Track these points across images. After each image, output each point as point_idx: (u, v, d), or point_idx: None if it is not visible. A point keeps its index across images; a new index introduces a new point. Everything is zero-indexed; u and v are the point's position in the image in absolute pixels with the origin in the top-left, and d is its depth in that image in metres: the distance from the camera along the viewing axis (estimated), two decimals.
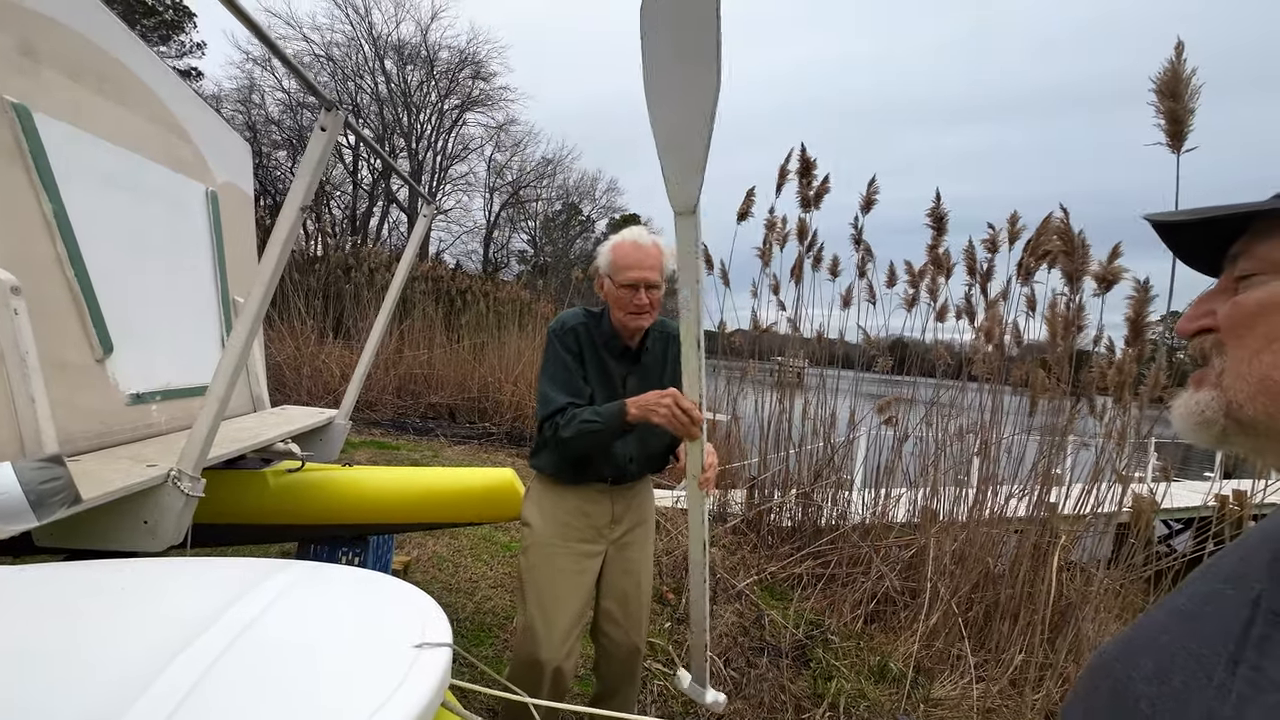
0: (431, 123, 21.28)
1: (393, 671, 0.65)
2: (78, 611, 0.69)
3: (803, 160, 3.36)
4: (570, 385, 1.42)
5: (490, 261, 23.33)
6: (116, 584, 0.74)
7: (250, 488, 1.86)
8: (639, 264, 1.38)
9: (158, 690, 0.58)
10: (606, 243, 1.45)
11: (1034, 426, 3.50)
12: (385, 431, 6.65)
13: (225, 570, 0.82)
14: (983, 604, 2.95)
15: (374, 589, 0.82)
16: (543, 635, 1.40)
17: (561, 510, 1.48)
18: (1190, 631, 0.42)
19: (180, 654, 0.63)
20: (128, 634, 0.66)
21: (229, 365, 1.17)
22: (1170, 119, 1.57)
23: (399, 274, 2.09)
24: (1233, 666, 0.37)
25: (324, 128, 1.18)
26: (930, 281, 3.33)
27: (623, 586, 1.55)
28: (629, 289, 1.38)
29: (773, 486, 4.14)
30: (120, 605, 0.70)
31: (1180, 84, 1.53)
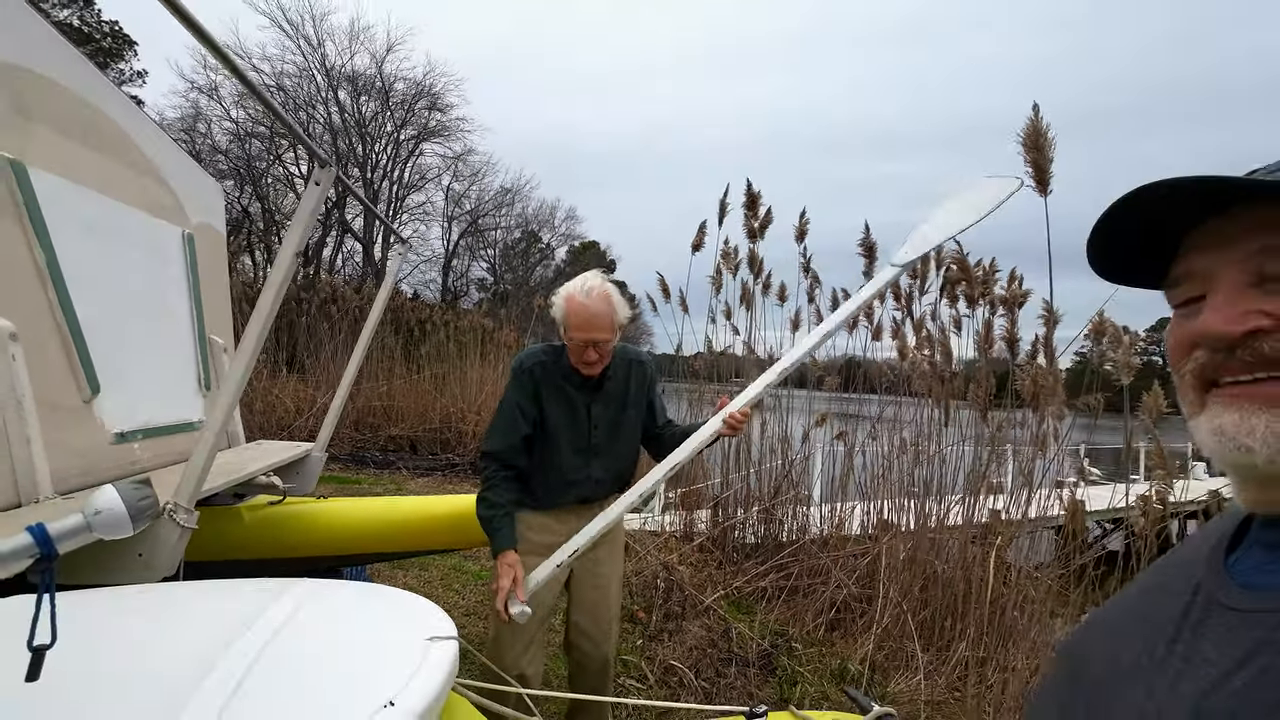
0: (387, 153, 21.17)
1: (410, 661, 0.75)
2: (120, 629, 0.77)
3: (748, 194, 3.62)
4: (508, 431, 1.54)
5: (449, 290, 23.10)
6: (148, 602, 0.82)
7: (226, 524, 1.88)
8: (587, 325, 1.47)
9: (206, 691, 0.67)
10: (560, 292, 1.53)
11: (968, 437, 3.80)
12: (344, 466, 6.51)
13: (242, 589, 0.91)
14: (930, 606, 3.16)
15: (378, 597, 0.92)
16: (505, 641, 1.49)
17: (526, 528, 1.57)
18: (1139, 617, 0.44)
19: (220, 659, 0.72)
20: (171, 646, 0.74)
21: (226, 400, 1.25)
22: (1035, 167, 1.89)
23: (375, 309, 2.18)
24: (1171, 645, 0.39)
25: (317, 182, 1.29)
26: (869, 307, 3.61)
27: (592, 600, 1.65)
28: (580, 346, 1.49)
29: (735, 504, 4.30)
30: (158, 622, 0.78)
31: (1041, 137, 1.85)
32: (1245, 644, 0.35)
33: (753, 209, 3.61)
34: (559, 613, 1.78)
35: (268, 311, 1.26)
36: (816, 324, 4.10)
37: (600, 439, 1.59)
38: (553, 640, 2.16)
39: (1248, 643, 0.35)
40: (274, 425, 7.09)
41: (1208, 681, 0.35)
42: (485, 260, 25.11)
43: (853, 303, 1.61)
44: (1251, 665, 0.34)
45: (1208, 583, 0.41)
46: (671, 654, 2.75)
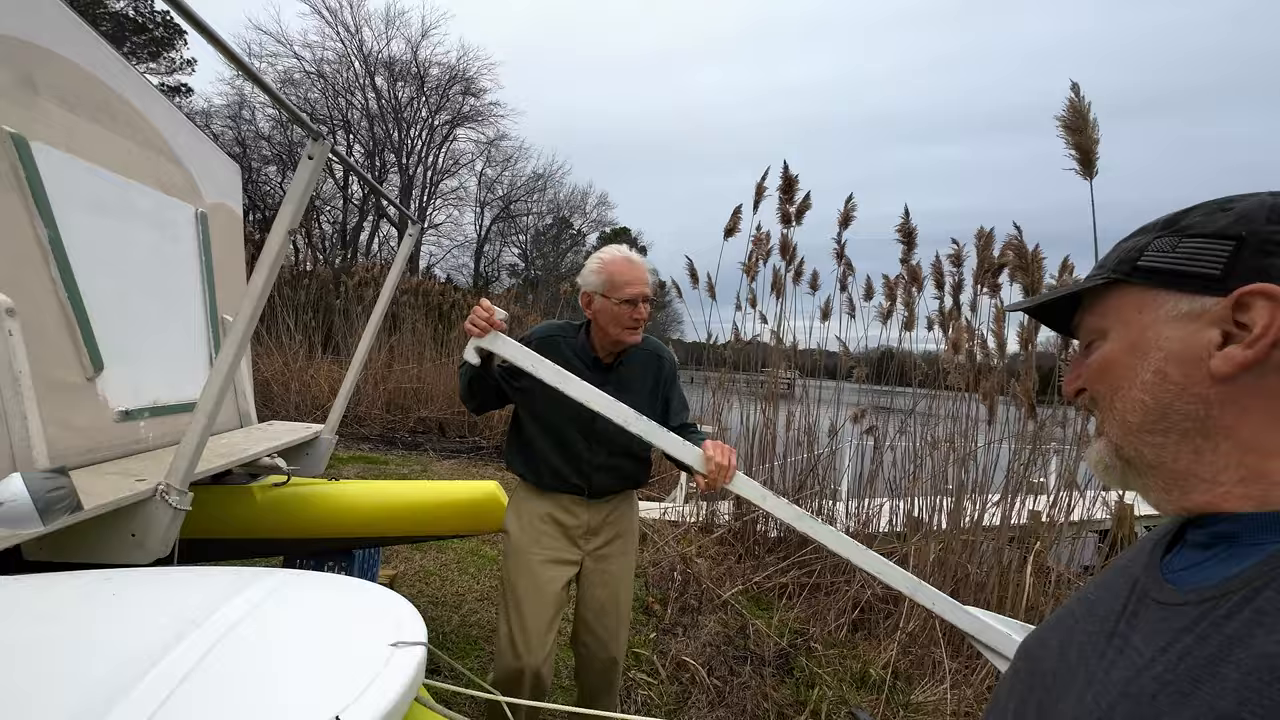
0: (422, 138, 21.44)
1: (367, 669, 0.70)
2: (67, 617, 0.73)
3: (784, 177, 3.46)
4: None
5: (481, 275, 23.39)
6: (106, 591, 0.78)
7: (236, 503, 1.89)
8: (638, 279, 1.43)
9: (140, 691, 0.62)
10: (592, 262, 1.48)
11: (1008, 435, 3.59)
12: (374, 446, 6.65)
13: (211, 577, 0.87)
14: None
15: (352, 593, 0.86)
16: (519, 641, 1.44)
17: (537, 518, 1.53)
18: (1086, 613, 0.49)
19: (167, 655, 0.67)
20: (115, 637, 0.70)
21: (217, 382, 1.22)
22: (1079, 149, 1.70)
23: (385, 292, 2.15)
24: (1110, 638, 0.44)
25: (311, 156, 1.24)
26: (904, 294, 3.43)
27: (600, 598, 1.59)
28: (628, 304, 1.43)
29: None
30: (108, 611, 0.74)
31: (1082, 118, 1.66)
32: (1167, 634, 0.40)
33: (788, 193, 3.45)
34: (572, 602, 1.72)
35: (260, 290, 1.22)
36: (848, 313, 3.94)
37: (606, 424, 1.48)
38: (563, 629, 2.13)
39: (1169, 633, 0.39)
40: (309, 405, 7.28)
41: (1134, 668, 0.40)
42: (517, 246, 25.32)
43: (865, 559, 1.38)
44: (1171, 652, 0.38)
45: (1143, 580, 0.46)
46: (685, 649, 2.69)
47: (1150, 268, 0.45)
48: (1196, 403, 0.42)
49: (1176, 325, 0.44)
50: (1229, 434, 0.42)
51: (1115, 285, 0.48)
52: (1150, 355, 0.45)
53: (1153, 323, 0.45)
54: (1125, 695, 0.39)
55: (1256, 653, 0.34)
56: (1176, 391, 0.43)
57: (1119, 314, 0.47)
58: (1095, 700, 0.41)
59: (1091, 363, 0.49)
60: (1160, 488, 0.46)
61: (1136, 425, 0.46)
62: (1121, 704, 0.39)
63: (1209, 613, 0.38)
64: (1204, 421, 0.42)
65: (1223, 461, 0.42)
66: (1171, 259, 0.44)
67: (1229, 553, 0.41)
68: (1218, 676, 0.35)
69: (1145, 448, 0.45)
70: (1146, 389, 0.45)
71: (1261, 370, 0.40)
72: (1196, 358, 0.42)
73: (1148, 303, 0.45)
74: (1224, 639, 0.36)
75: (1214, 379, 0.42)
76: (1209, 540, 0.43)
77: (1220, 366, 0.41)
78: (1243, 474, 0.41)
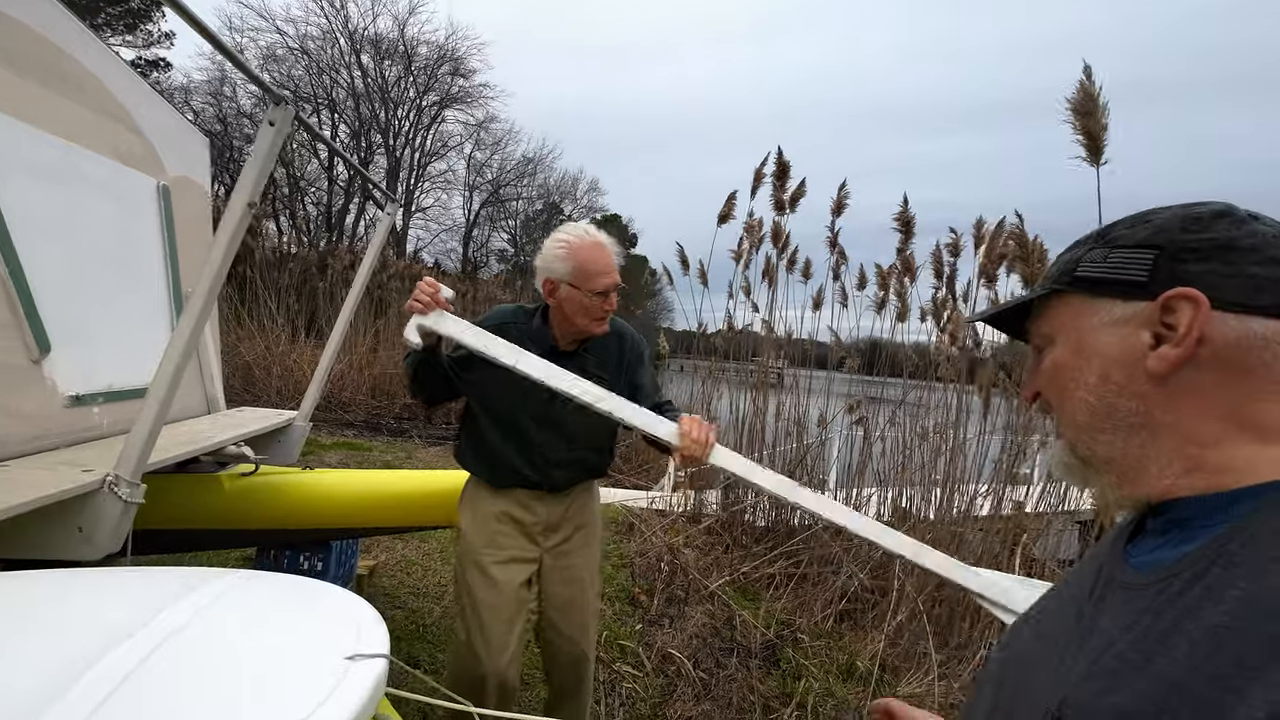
0: (410, 119, 21.01)
1: (320, 684, 0.63)
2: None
3: (779, 164, 3.39)
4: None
5: (470, 260, 23.10)
6: (31, 596, 0.70)
7: (204, 492, 1.80)
8: (610, 267, 1.32)
9: (64, 706, 0.55)
10: (555, 246, 1.34)
11: (996, 427, 3.58)
12: (358, 433, 6.54)
13: (155, 579, 0.79)
14: (948, 603, 3.01)
15: (309, 597, 0.79)
16: (480, 648, 1.35)
17: (492, 517, 1.43)
18: (1061, 598, 0.53)
19: (95, 665, 0.60)
20: (39, 646, 0.63)
21: (171, 363, 1.14)
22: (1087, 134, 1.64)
23: (361, 273, 2.05)
24: (1079, 620, 0.47)
25: (272, 122, 1.15)
26: (898, 284, 3.38)
27: (564, 595, 1.51)
28: (600, 296, 1.32)
29: (747, 487, 4.17)
30: (34, 617, 0.67)
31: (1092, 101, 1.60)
32: (1130, 614, 0.42)
33: (782, 180, 3.37)
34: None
35: (218, 266, 1.13)
36: (840, 303, 3.89)
37: (565, 414, 1.39)
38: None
39: (1132, 613, 0.42)
40: (291, 390, 7.14)
41: (1099, 648, 0.43)
42: (506, 231, 25.01)
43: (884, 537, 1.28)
44: (1133, 631, 0.41)
45: (1109, 565, 0.49)
46: (671, 641, 2.65)
47: (1086, 277, 0.49)
48: (1137, 400, 0.46)
49: (1113, 329, 0.47)
50: (1170, 428, 0.45)
51: (1058, 294, 0.51)
52: (1093, 359, 0.48)
53: (1092, 328, 0.48)
54: (1090, 673, 0.42)
55: (1204, 625, 0.37)
56: (1118, 391, 0.47)
57: (1062, 321, 0.51)
58: (1063, 679, 0.44)
59: (1044, 369, 0.53)
60: (1115, 483, 0.49)
61: (1085, 424, 0.49)
62: (1086, 682, 0.42)
63: (1163, 591, 0.41)
64: (1145, 417, 0.46)
65: (1167, 455, 0.45)
66: (1103, 268, 0.48)
67: (1181, 536, 0.44)
68: (1170, 648, 0.38)
69: (1097, 445, 0.49)
70: (1091, 390, 0.48)
71: (1194, 366, 0.43)
72: (1134, 359, 0.46)
73: (1086, 310, 0.49)
74: (1177, 614, 0.39)
75: (1150, 378, 0.45)
76: (1164, 527, 0.46)
77: (1155, 366, 0.44)
78: (1186, 465, 0.44)
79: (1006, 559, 3.06)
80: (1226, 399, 0.43)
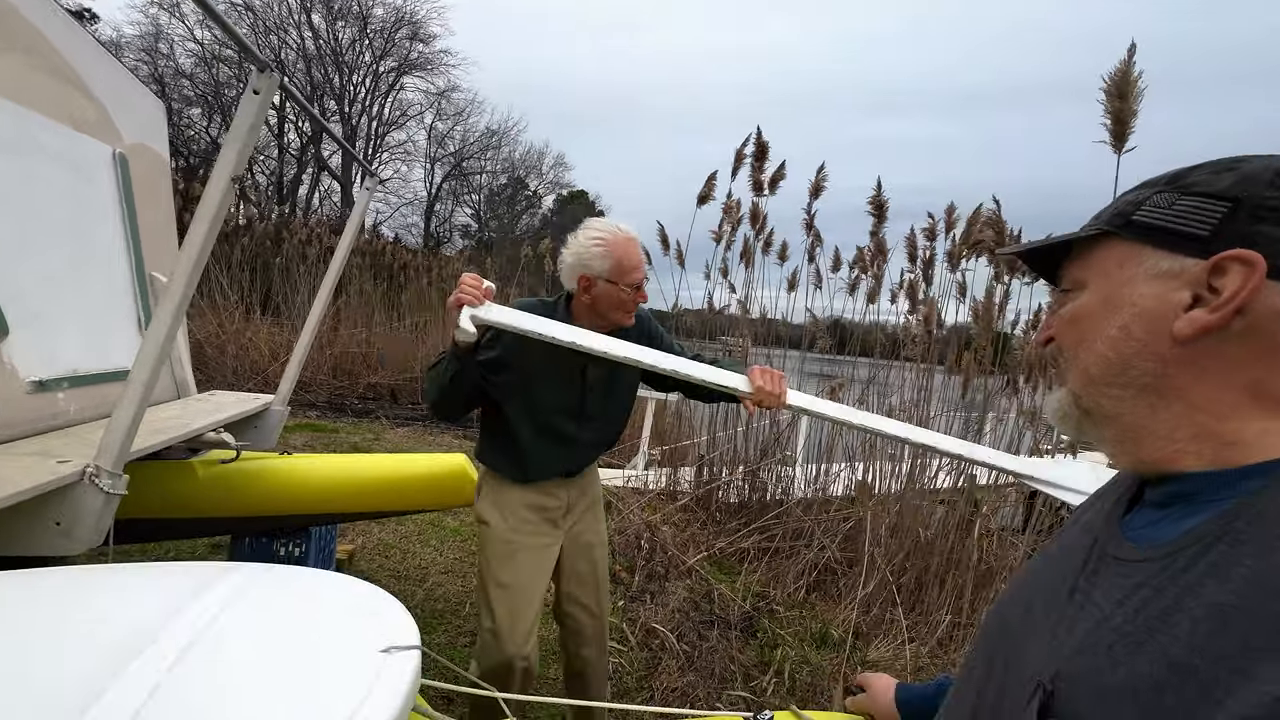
0: (366, 85, 20.00)
1: (359, 680, 0.62)
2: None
3: (758, 145, 3.38)
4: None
5: (432, 236, 22.39)
6: (24, 604, 0.66)
7: (176, 479, 1.72)
8: (640, 261, 1.37)
9: (103, 710, 0.53)
10: (589, 242, 1.35)
11: (960, 404, 3.74)
12: (322, 414, 6.35)
13: (165, 577, 0.76)
14: (914, 571, 3.16)
15: (331, 590, 0.78)
16: (507, 632, 1.38)
17: (519, 506, 1.46)
18: (1051, 570, 0.51)
19: (121, 673, 0.57)
20: (63, 651, 0.60)
21: (153, 349, 1.07)
22: (1115, 119, 1.67)
23: (339, 252, 1.97)
24: (1071, 594, 0.46)
25: (256, 90, 1.07)
26: (875, 268, 3.46)
27: (582, 571, 1.56)
28: (634, 289, 1.36)
29: (721, 464, 4.25)
30: (29, 635, 0.63)
31: (1129, 85, 1.62)
32: (1125, 589, 0.41)
33: (760, 162, 3.37)
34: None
35: (200, 246, 1.07)
36: (815, 285, 3.95)
37: (595, 403, 1.46)
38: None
39: (1127, 587, 0.41)
40: (248, 370, 6.85)
41: (1093, 622, 0.41)
42: (470, 206, 24.29)
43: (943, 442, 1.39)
44: (1128, 605, 0.40)
45: (1103, 538, 0.47)
46: (653, 616, 2.71)
47: (1142, 223, 0.45)
48: (1154, 360, 0.43)
49: (1152, 283, 0.44)
50: (1182, 394, 0.43)
51: (1105, 237, 0.48)
52: (1121, 311, 0.45)
53: (1130, 279, 0.45)
54: (1083, 647, 0.41)
55: (1208, 602, 0.35)
56: (1137, 348, 0.44)
57: (1101, 266, 0.48)
58: (1055, 652, 0.43)
59: (1065, 313, 0.50)
60: (1114, 439, 0.47)
61: (1097, 378, 0.47)
62: (1080, 656, 0.41)
63: (1166, 567, 0.39)
64: (1159, 379, 0.43)
65: (1175, 421, 0.43)
66: (1164, 215, 0.44)
67: (1185, 510, 0.42)
68: (1171, 626, 0.36)
69: (1104, 400, 0.47)
70: (1110, 344, 0.46)
71: (1222, 336, 0.41)
72: (1162, 317, 0.43)
73: (1130, 258, 0.46)
74: (1179, 591, 0.37)
75: (1174, 340, 0.42)
76: (1166, 499, 0.44)
77: (1182, 328, 0.41)
78: (1194, 432, 0.42)
79: (967, 530, 3.23)
80: (1249, 371, 0.41)
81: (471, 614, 2.52)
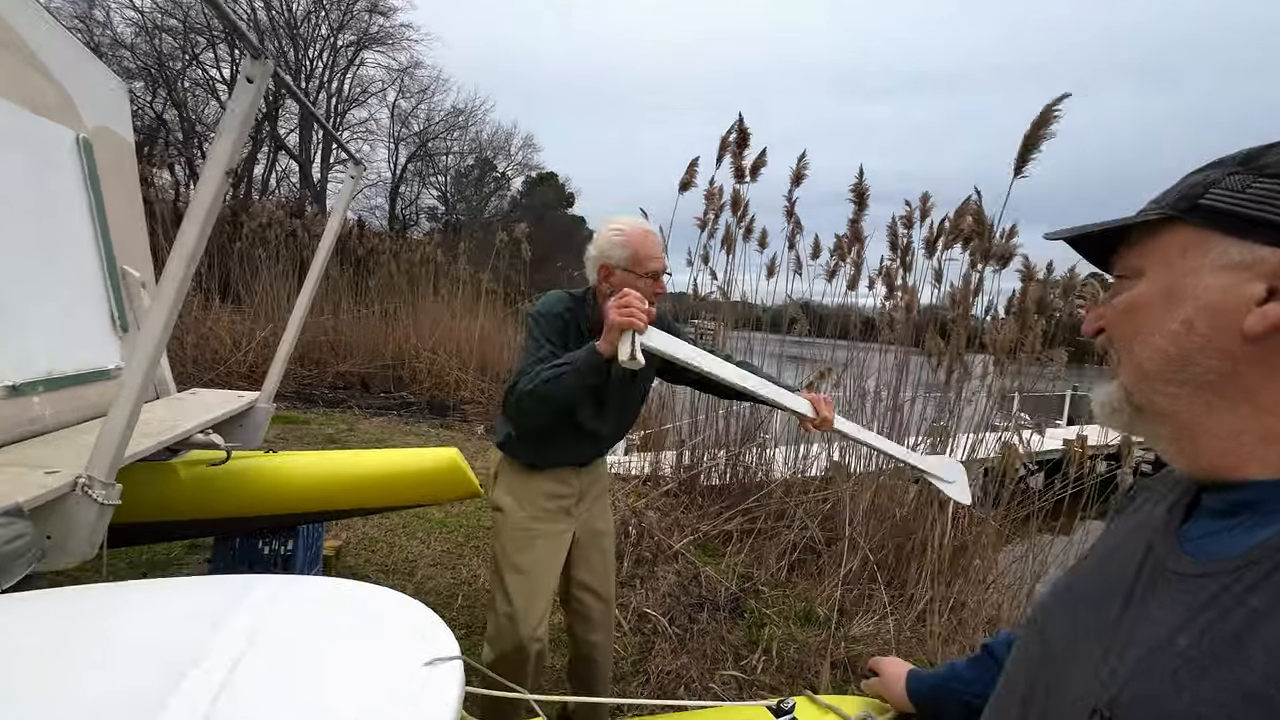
0: (323, 60, 19.11)
1: (406, 694, 0.62)
2: (34, 651, 0.59)
3: (740, 131, 3.37)
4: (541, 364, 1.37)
5: (398, 218, 21.73)
6: (40, 629, 0.64)
7: (159, 482, 1.66)
8: (659, 252, 1.39)
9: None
10: (612, 234, 1.39)
11: (930, 385, 3.87)
12: (290, 405, 6.15)
13: (190, 593, 0.74)
14: (892, 549, 3.28)
15: (361, 602, 0.76)
16: (523, 615, 1.41)
17: (535, 494, 1.48)
18: (1097, 583, 0.48)
19: (168, 699, 0.56)
20: (113, 668, 0.57)
21: (145, 352, 1.02)
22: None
23: (323, 246, 1.90)
24: (1125, 609, 0.43)
25: (250, 78, 1.02)
26: (855, 255, 3.51)
27: (592, 557, 1.61)
28: (651, 278, 1.38)
29: (704, 448, 4.31)
30: (54, 664, 0.61)
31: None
32: (1188, 607, 0.38)
33: (741, 148, 3.37)
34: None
35: (195, 243, 1.02)
36: (795, 271, 4.00)
37: (616, 396, 1.48)
38: None
39: (1190, 607, 0.38)
40: (209, 360, 6.59)
41: (1152, 643, 0.39)
42: (436, 188, 23.61)
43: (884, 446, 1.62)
44: (1192, 628, 0.37)
45: (1159, 548, 0.44)
46: (645, 601, 2.75)
47: (1212, 207, 0.41)
48: (1221, 358, 0.40)
49: (1221, 274, 0.40)
50: (1250, 395, 0.39)
51: (1168, 222, 0.43)
52: (1184, 302, 0.42)
53: (1195, 269, 0.41)
54: (1141, 670, 0.38)
55: None
56: (1201, 344, 0.41)
57: (1163, 254, 0.44)
58: (1111, 675, 0.40)
59: (1119, 303, 0.47)
60: (1170, 438, 0.44)
61: (1154, 373, 0.43)
62: (1138, 681, 0.38)
63: (1232, 585, 0.37)
64: (1226, 378, 0.40)
65: (1242, 423, 0.40)
66: (1239, 200, 0.40)
67: (1253, 520, 0.39)
68: (1243, 653, 0.34)
69: (1159, 397, 0.43)
70: (1170, 338, 0.42)
71: None
72: (1232, 311, 0.39)
73: (1196, 246, 0.42)
74: (1249, 613, 0.35)
75: (1245, 337, 0.39)
76: (1229, 508, 0.41)
77: (1254, 324, 0.38)
78: (1262, 435, 0.39)
79: (941, 509, 3.37)
80: None
81: (464, 606, 2.52)
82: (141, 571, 2.35)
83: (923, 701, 0.86)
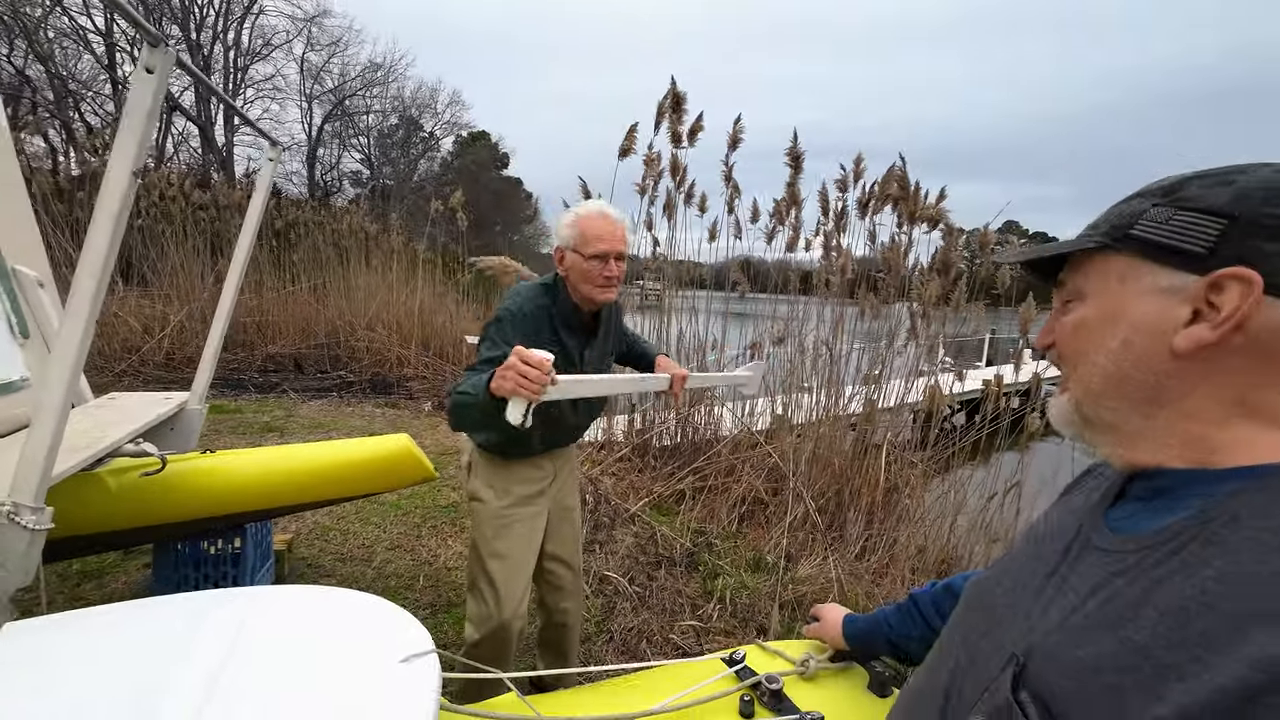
0: (215, 7, 17.19)
1: (389, 692, 0.65)
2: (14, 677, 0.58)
3: (673, 96, 3.34)
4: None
5: (318, 185, 20.27)
6: (33, 651, 0.63)
7: (85, 494, 1.57)
8: (609, 235, 1.37)
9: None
10: (568, 216, 1.41)
11: (864, 336, 4.10)
12: (219, 393, 5.81)
13: (157, 612, 0.73)
14: (832, 495, 3.53)
15: (331, 607, 0.78)
16: (506, 598, 1.47)
17: (511, 482, 1.52)
18: (1034, 552, 0.54)
19: (159, 708, 0.57)
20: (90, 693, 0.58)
21: (64, 364, 0.96)
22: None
23: (245, 235, 1.79)
24: (1049, 578, 0.49)
25: (150, 69, 0.94)
26: (794, 219, 3.61)
27: (563, 531, 1.68)
28: (598, 260, 1.36)
29: (655, 411, 4.42)
30: (38, 678, 0.60)
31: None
32: (1101, 576, 0.44)
33: (677, 112, 3.35)
34: None
35: (105, 251, 0.95)
36: (735, 235, 4.07)
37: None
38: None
39: (1103, 575, 0.44)
40: (119, 349, 6.09)
41: (1069, 606, 0.44)
42: (358, 150, 22.10)
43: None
44: (1102, 593, 0.42)
45: (1087, 527, 0.50)
46: (605, 565, 2.86)
47: (1141, 238, 0.46)
48: (1151, 374, 0.45)
49: (1153, 299, 0.45)
50: (1174, 403, 0.45)
51: (1103, 249, 0.48)
52: (1121, 325, 0.46)
53: (1132, 294, 0.46)
54: (1057, 628, 0.44)
55: (1175, 597, 0.38)
56: (1135, 361, 0.46)
57: (1102, 279, 0.48)
58: (1031, 629, 0.46)
59: (1066, 322, 0.52)
60: (1112, 444, 0.50)
61: (1097, 390, 0.49)
62: (1053, 635, 0.44)
63: (1141, 560, 0.42)
64: (1155, 391, 0.45)
65: (1167, 427, 0.45)
66: (1162, 231, 0.45)
67: (1165, 505, 0.45)
68: (1138, 616, 0.39)
69: (1103, 411, 0.49)
70: (1110, 357, 0.47)
71: (1219, 351, 0.42)
72: (1162, 332, 0.44)
73: (1130, 273, 0.46)
74: (1149, 583, 0.40)
75: (1172, 354, 0.44)
76: (1149, 494, 0.47)
77: (1181, 344, 0.43)
78: (1183, 438, 0.45)
79: (875, 456, 3.63)
80: (1243, 383, 0.42)
81: (427, 586, 2.54)
82: (74, 583, 2.24)
83: (856, 643, 0.97)
